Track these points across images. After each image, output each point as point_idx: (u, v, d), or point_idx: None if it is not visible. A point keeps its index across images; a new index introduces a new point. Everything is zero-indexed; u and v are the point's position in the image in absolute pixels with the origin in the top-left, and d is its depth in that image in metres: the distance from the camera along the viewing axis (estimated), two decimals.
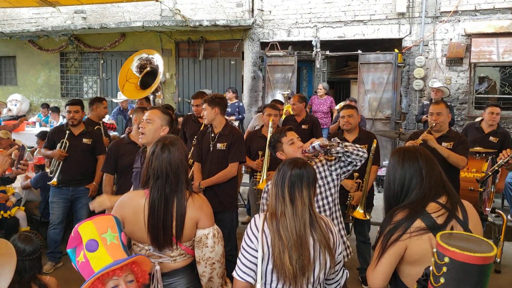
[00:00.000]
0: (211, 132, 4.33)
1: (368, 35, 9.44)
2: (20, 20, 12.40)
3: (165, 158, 2.37)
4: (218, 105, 4.26)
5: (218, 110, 4.26)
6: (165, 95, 11.42)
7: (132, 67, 6.15)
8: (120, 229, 2.08)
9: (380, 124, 9.48)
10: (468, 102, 9.00)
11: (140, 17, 11.09)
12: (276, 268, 2.04)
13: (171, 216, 2.35)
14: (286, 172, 2.15)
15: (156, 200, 2.35)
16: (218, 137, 4.26)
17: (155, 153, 2.40)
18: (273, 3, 10.11)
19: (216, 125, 4.31)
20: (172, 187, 2.37)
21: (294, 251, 2.03)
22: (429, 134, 4.40)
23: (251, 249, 2.11)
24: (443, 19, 8.89)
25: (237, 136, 4.27)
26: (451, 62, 8.95)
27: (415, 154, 2.13)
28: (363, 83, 9.54)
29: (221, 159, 4.23)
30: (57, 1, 5.73)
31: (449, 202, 2.03)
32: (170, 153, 2.38)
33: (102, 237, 1.97)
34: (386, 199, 2.18)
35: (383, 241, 1.98)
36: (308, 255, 2.05)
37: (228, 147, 4.21)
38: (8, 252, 2.17)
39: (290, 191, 2.11)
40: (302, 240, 2.05)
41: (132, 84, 6.04)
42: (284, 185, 2.13)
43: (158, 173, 2.37)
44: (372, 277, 2.01)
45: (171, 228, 2.35)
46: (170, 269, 2.43)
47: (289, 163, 2.20)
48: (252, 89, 10.52)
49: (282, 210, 2.09)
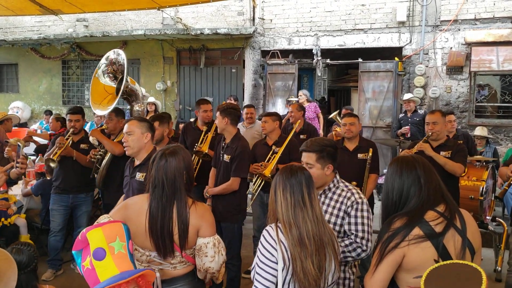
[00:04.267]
0: (223, 141, 4.36)
1: (368, 44, 9.48)
2: (22, 28, 12.48)
3: (161, 167, 2.40)
4: (229, 115, 4.25)
5: (229, 120, 4.25)
6: (166, 103, 11.46)
7: (103, 80, 5.43)
8: (128, 237, 2.07)
9: (380, 132, 9.49)
10: (468, 111, 9.01)
11: (141, 25, 11.15)
12: (297, 276, 2.03)
13: (171, 224, 2.36)
14: (299, 178, 2.16)
15: (154, 208, 2.37)
16: (226, 148, 4.28)
17: (154, 162, 2.44)
18: (274, 12, 10.17)
19: (226, 136, 4.32)
20: (168, 196, 2.38)
21: (315, 255, 2.05)
22: (425, 143, 4.41)
23: (271, 262, 2.07)
24: (443, 28, 8.93)
25: (241, 150, 4.22)
26: (451, 71, 8.98)
27: (413, 163, 2.13)
28: (364, 91, 9.57)
29: (226, 171, 4.26)
30: (59, 9, 5.76)
31: (447, 211, 2.03)
32: (167, 163, 2.40)
33: (110, 246, 1.96)
34: (384, 207, 2.19)
35: (381, 248, 1.99)
36: (325, 254, 2.10)
37: (231, 161, 4.20)
38: (5, 258, 2.19)
39: (309, 196, 2.13)
40: (322, 242, 2.10)
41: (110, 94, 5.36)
42: (302, 191, 2.13)
43: (155, 182, 2.40)
44: (369, 284, 2.01)
45: (171, 235, 2.35)
46: (170, 276, 2.43)
47: (292, 169, 2.21)
48: (253, 97, 10.55)
49: (303, 216, 2.10)
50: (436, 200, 2.07)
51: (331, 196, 2.72)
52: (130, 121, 3.38)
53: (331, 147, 2.73)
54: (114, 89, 5.35)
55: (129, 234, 2.09)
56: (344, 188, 2.73)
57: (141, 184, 3.20)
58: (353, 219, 2.61)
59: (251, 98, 10.54)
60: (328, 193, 2.73)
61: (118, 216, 2.38)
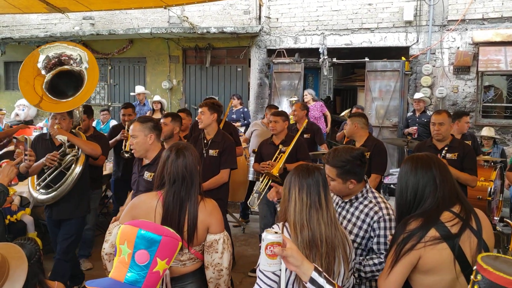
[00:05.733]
0: (203, 139, 4.38)
1: (375, 43, 9.44)
2: (29, 26, 12.50)
3: (180, 163, 2.42)
4: (217, 112, 4.36)
5: (216, 117, 4.35)
6: (172, 102, 11.46)
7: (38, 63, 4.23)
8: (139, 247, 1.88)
9: (387, 132, 9.45)
10: (475, 111, 8.96)
11: (148, 24, 11.15)
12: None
13: (184, 219, 2.36)
14: (316, 178, 2.11)
15: (171, 203, 2.37)
16: (210, 143, 4.35)
17: (170, 159, 2.44)
18: (280, 11, 10.14)
19: (209, 132, 4.39)
20: (187, 190, 2.40)
21: (325, 257, 2.02)
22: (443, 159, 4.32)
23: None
24: (451, 27, 8.88)
25: (229, 143, 4.36)
26: (458, 71, 8.93)
27: (428, 162, 2.10)
28: (370, 90, 9.53)
29: (213, 166, 4.32)
30: (65, 8, 5.75)
31: (463, 211, 2.01)
32: (185, 158, 2.44)
33: (120, 247, 1.91)
34: (398, 206, 2.16)
35: (396, 250, 1.96)
36: (334, 257, 2.06)
37: (220, 154, 4.30)
38: (18, 256, 2.20)
39: (325, 198, 2.10)
40: (333, 244, 2.06)
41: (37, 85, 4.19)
42: (319, 192, 2.09)
43: (174, 177, 2.40)
44: (384, 285, 1.99)
45: (183, 231, 2.35)
46: (179, 273, 2.43)
47: (309, 169, 2.16)
48: (259, 96, 10.54)
49: (317, 218, 2.06)
50: (451, 200, 2.04)
51: (357, 206, 2.60)
52: (133, 124, 3.37)
53: (353, 162, 2.52)
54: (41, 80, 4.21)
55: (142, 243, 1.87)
56: (372, 200, 2.57)
57: (149, 183, 3.21)
58: (382, 239, 2.48)
59: (256, 97, 10.53)
60: (354, 202, 2.62)
61: (127, 219, 2.37)
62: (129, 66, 11.99)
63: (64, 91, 4.24)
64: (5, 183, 3.06)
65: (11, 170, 3.08)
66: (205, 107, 4.30)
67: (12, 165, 3.13)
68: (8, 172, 3.06)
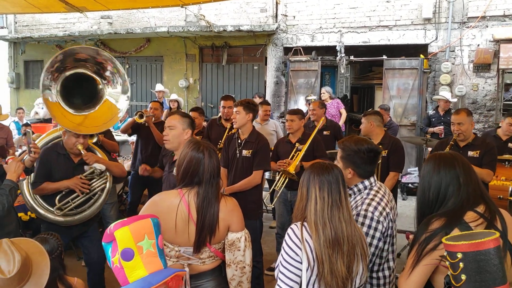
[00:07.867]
0: (237, 138, 4.30)
1: (393, 41, 9.34)
2: (48, 25, 12.66)
3: (214, 163, 2.41)
4: (253, 112, 4.23)
5: (252, 117, 4.24)
6: (189, 100, 11.50)
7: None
8: (158, 233, 2.00)
9: (405, 131, 9.34)
10: (496, 109, 8.80)
11: (165, 23, 11.21)
12: (323, 277, 1.98)
13: (212, 218, 2.36)
14: (335, 175, 2.09)
15: (203, 201, 2.35)
16: (244, 143, 4.23)
17: (206, 159, 2.40)
18: (297, 8, 10.09)
19: (243, 131, 4.27)
20: (215, 189, 2.39)
21: (346, 256, 2.00)
22: None
23: (295, 261, 2.02)
24: (471, 24, 8.73)
25: (263, 143, 4.22)
26: (478, 68, 8.78)
27: (452, 160, 2.05)
28: (388, 89, 9.42)
29: (246, 166, 4.19)
30: (84, 7, 5.79)
31: (487, 211, 1.95)
32: (217, 158, 2.44)
33: (138, 246, 1.89)
34: (419, 206, 2.11)
35: (418, 250, 1.91)
36: (354, 255, 2.04)
37: (253, 155, 4.16)
38: (38, 251, 2.22)
39: (345, 195, 2.08)
40: (353, 242, 2.04)
41: None
42: (340, 190, 2.07)
43: (208, 175, 2.38)
44: (405, 285, 1.95)
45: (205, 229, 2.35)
46: (198, 271, 2.42)
47: (326, 166, 2.13)
48: (275, 94, 10.51)
49: (339, 216, 2.03)
50: (475, 200, 1.99)
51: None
52: (173, 115, 3.36)
53: (358, 153, 2.46)
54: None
55: (158, 229, 2.01)
56: (364, 195, 2.46)
57: None
58: None
59: (273, 95, 10.50)
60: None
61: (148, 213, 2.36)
62: (146, 65, 12.07)
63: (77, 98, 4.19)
64: (14, 179, 3.09)
65: (18, 165, 3.12)
66: (240, 107, 4.16)
67: (18, 161, 3.16)
68: (16, 168, 3.10)
